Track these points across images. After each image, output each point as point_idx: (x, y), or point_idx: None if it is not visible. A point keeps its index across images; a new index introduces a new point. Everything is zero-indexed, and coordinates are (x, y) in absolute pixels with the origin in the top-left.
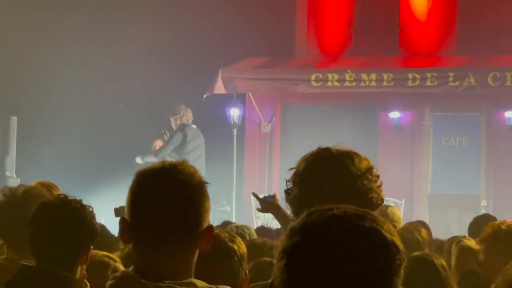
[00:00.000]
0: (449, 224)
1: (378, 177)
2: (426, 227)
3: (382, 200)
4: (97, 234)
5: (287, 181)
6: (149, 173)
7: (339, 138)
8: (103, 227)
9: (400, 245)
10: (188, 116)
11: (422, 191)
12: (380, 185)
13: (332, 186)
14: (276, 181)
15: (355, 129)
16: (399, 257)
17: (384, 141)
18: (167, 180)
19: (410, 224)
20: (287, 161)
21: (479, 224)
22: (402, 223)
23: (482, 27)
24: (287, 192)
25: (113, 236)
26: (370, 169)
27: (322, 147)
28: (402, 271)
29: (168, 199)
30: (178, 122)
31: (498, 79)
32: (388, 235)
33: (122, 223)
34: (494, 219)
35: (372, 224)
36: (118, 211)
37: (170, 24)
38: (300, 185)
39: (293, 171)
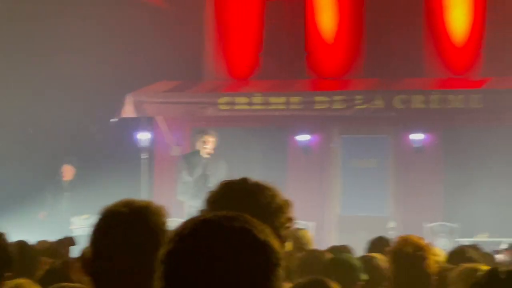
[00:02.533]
0: (358, 246)
1: (290, 219)
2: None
3: (285, 240)
4: (11, 261)
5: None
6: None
7: (248, 161)
8: (23, 247)
9: (275, 245)
10: None
11: (333, 213)
12: (288, 227)
13: None
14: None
15: (265, 152)
16: (274, 256)
17: (294, 163)
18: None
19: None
20: None
21: (375, 246)
22: (312, 245)
23: (389, 51)
24: (201, 211)
25: (34, 256)
26: (281, 207)
27: (245, 176)
28: (280, 270)
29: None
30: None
31: (404, 102)
32: (261, 235)
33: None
34: (387, 241)
35: (243, 225)
36: None
37: (79, 47)
38: (211, 205)
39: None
